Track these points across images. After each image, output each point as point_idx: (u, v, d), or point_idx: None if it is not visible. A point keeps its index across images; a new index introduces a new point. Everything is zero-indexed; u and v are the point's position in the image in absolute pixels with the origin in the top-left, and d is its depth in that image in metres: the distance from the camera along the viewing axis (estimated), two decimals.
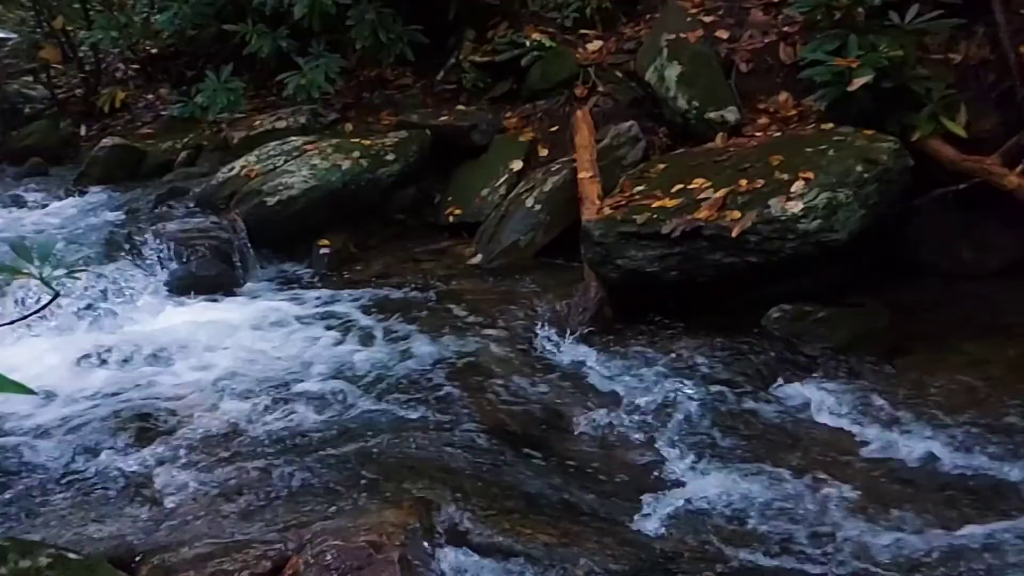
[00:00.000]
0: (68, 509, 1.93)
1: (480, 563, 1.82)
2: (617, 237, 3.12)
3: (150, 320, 3.22)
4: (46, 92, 6.12)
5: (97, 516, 1.90)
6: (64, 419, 2.35)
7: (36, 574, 1.40)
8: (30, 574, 1.39)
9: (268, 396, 2.54)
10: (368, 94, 5.33)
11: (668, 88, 4.02)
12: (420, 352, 2.96)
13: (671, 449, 2.44)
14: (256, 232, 3.92)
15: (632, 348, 3.00)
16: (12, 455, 2.17)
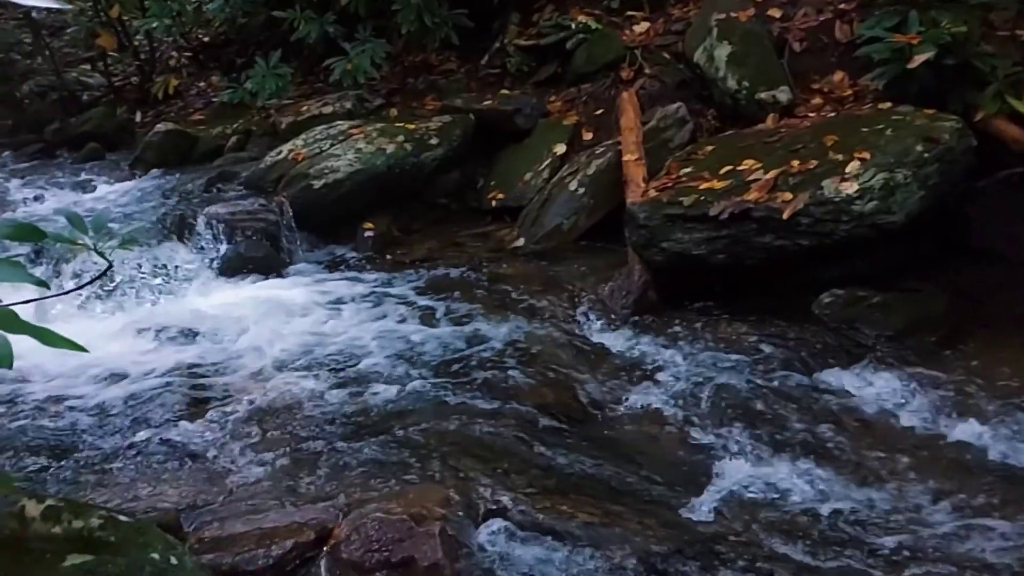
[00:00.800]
0: (121, 475, 2.00)
1: (519, 540, 1.81)
2: (663, 219, 3.06)
3: (200, 299, 3.30)
4: (103, 80, 6.30)
5: (148, 483, 1.96)
6: (118, 390, 2.42)
7: (88, 534, 1.44)
8: (83, 534, 1.44)
9: (314, 374, 2.57)
10: (413, 79, 5.35)
11: (717, 68, 3.93)
12: (463, 334, 2.96)
13: (716, 435, 2.39)
14: (302, 215, 3.97)
15: (676, 332, 2.95)
16: (69, 423, 2.25)
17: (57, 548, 1.41)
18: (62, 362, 2.64)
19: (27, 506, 1.45)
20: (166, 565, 1.42)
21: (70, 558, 1.40)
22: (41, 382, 2.51)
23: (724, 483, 2.18)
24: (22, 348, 2.56)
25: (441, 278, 3.56)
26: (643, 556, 1.78)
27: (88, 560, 1.39)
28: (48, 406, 2.35)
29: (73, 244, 1.43)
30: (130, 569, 1.39)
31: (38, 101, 5.97)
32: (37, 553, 1.41)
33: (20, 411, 2.31)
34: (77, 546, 1.41)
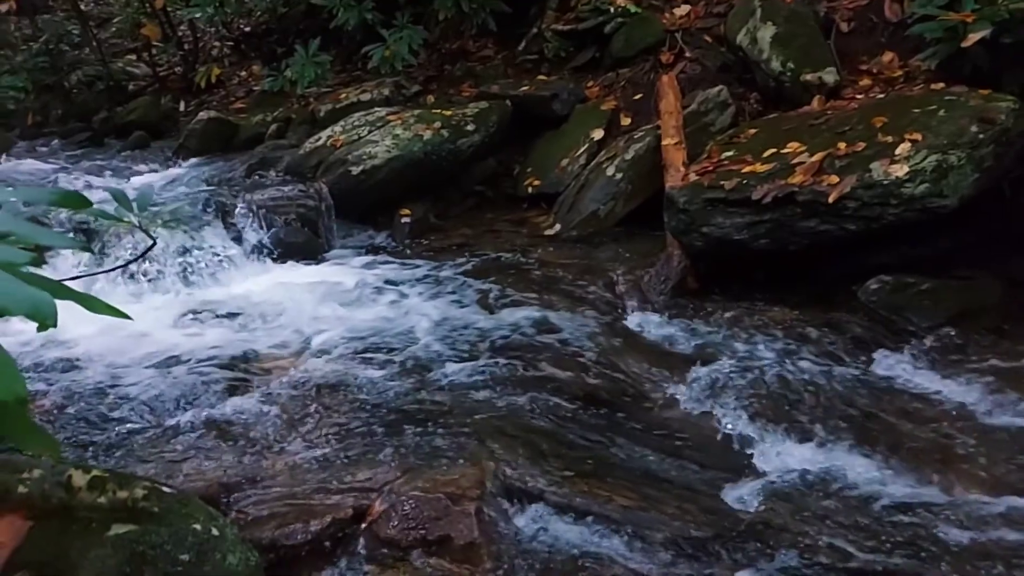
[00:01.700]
0: (163, 450, 2.04)
1: (555, 522, 1.80)
2: (703, 204, 3.00)
3: (240, 282, 3.35)
4: (148, 70, 6.44)
5: (190, 457, 1.99)
6: (161, 370, 2.47)
7: (132, 504, 1.47)
8: (127, 504, 1.47)
9: (352, 355, 2.59)
10: (450, 66, 5.34)
11: (761, 50, 3.83)
12: (498, 319, 2.95)
13: (757, 423, 2.34)
14: (341, 201, 4.00)
15: (716, 319, 2.89)
16: (114, 399, 2.30)
17: (102, 517, 1.44)
18: (108, 342, 2.71)
19: (74, 476, 1.48)
20: (208, 536, 1.44)
21: (115, 527, 1.43)
22: (89, 360, 2.58)
23: (765, 470, 2.13)
24: (72, 328, 2.60)
25: (477, 264, 3.55)
26: (682, 541, 1.75)
27: (132, 529, 1.42)
28: (95, 383, 2.41)
29: (119, 221, 1.45)
30: (173, 539, 1.42)
31: (86, 91, 6.12)
32: (83, 522, 1.44)
33: (69, 386, 2.37)
34: (121, 516, 1.45)
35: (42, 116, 6.11)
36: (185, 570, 1.40)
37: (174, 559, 1.40)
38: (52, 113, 6.13)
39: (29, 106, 5.94)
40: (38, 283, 0.80)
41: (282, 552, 1.65)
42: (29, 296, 0.73)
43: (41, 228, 0.88)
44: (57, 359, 2.63)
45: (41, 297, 0.74)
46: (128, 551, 1.39)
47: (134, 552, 1.39)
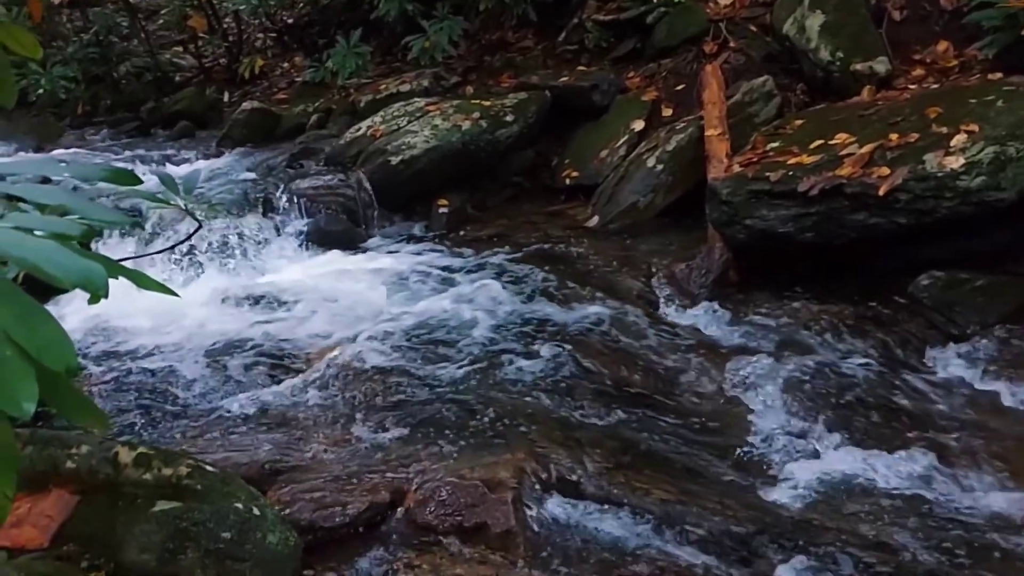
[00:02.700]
0: (206, 430, 2.07)
1: (593, 513, 1.78)
2: (747, 196, 2.94)
3: (281, 269, 3.40)
4: (194, 61, 6.56)
5: (231, 438, 2.02)
6: (204, 352, 2.52)
7: (176, 481, 1.49)
8: (171, 481, 1.49)
9: (390, 343, 2.60)
10: (489, 57, 5.33)
11: (809, 39, 3.74)
12: (537, 309, 2.93)
13: (801, 420, 2.29)
14: (380, 190, 4.02)
15: (759, 313, 2.83)
16: (159, 380, 2.35)
17: (147, 493, 1.47)
18: (154, 325, 2.77)
19: (120, 453, 1.51)
20: (249, 515, 1.46)
21: (159, 503, 1.46)
22: (134, 342, 2.64)
23: (807, 468, 2.08)
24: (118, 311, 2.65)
25: (514, 255, 3.54)
26: (723, 536, 1.71)
27: (176, 506, 1.45)
28: (139, 364, 2.46)
29: (165, 204, 1.47)
30: (215, 517, 1.44)
31: (134, 81, 6.26)
32: (129, 497, 1.47)
33: (114, 366, 2.43)
34: (166, 492, 1.47)
35: (91, 106, 6.27)
36: (226, 548, 1.42)
37: (216, 536, 1.42)
38: (101, 103, 6.28)
39: (79, 96, 6.10)
40: (90, 257, 0.81)
41: (320, 534, 1.66)
42: (82, 267, 0.74)
43: (95, 204, 0.89)
44: (103, 340, 2.70)
45: (93, 268, 0.75)
46: (172, 527, 1.41)
47: (178, 528, 1.41)
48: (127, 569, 1.39)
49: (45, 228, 0.80)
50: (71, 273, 0.73)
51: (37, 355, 0.75)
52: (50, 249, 0.74)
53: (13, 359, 0.75)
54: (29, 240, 0.75)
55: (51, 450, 1.49)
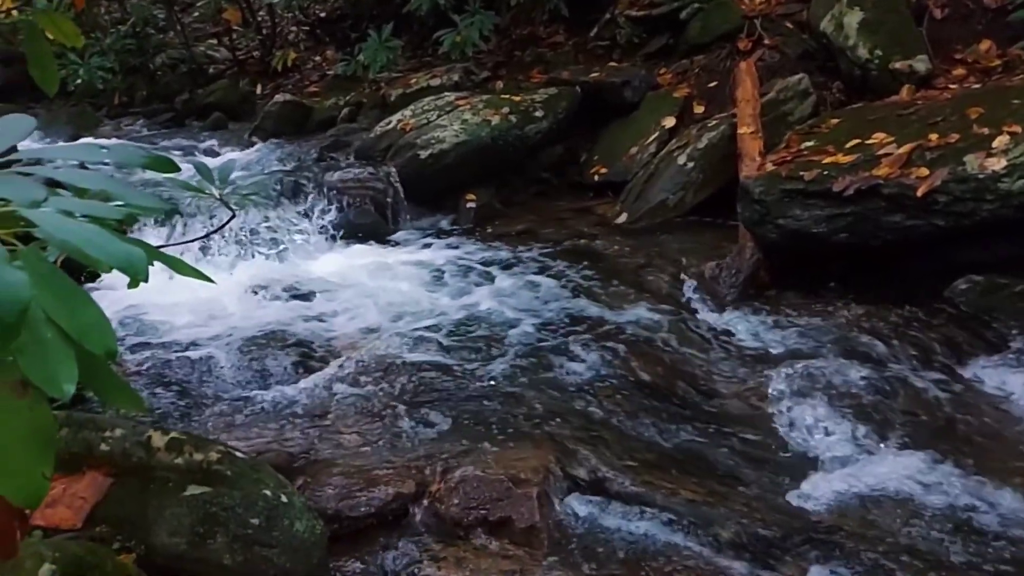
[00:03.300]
0: (235, 417, 2.10)
1: (618, 511, 1.77)
2: (780, 195, 2.89)
3: (311, 260, 3.43)
4: (228, 54, 6.64)
5: (260, 426, 2.05)
6: (235, 341, 2.55)
7: (207, 467, 1.51)
8: (202, 466, 1.51)
9: (416, 336, 2.60)
10: (519, 52, 5.32)
11: (847, 37, 3.67)
12: (564, 306, 2.92)
13: (831, 424, 2.25)
14: (408, 184, 4.04)
15: (790, 315, 2.79)
16: (189, 365, 2.39)
17: (179, 478, 1.49)
18: (186, 313, 2.81)
19: (153, 437, 1.54)
20: (277, 502, 1.47)
21: (190, 488, 1.48)
22: (167, 329, 2.68)
23: (838, 473, 2.04)
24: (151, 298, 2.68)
25: (542, 251, 3.53)
26: (750, 539, 1.69)
27: (206, 491, 1.46)
28: (172, 350, 2.50)
29: (200, 192, 1.48)
30: (244, 502, 1.45)
31: (169, 73, 6.36)
32: (161, 481, 1.49)
33: (148, 352, 2.47)
34: (196, 477, 1.49)
35: (128, 96, 6.38)
36: (254, 534, 1.43)
37: (245, 522, 1.43)
38: (137, 94, 6.38)
39: (116, 86, 6.21)
40: (130, 242, 0.81)
41: (346, 523, 1.67)
42: (123, 251, 0.75)
43: (135, 190, 0.90)
44: (135, 327, 2.74)
45: (135, 252, 0.75)
46: (202, 512, 1.43)
47: (207, 513, 1.43)
48: (157, 551, 1.41)
49: (87, 212, 0.81)
50: (113, 257, 0.74)
51: (78, 337, 0.76)
52: (92, 233, 0.75)
53: (54, 341, 0.76)
54: (72, 224, 0.76)
55: (86, 432, 1.51)
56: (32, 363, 0.73)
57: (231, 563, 1.41)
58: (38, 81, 1.54)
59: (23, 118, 0.95)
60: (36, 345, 0.73)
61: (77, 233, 0.74)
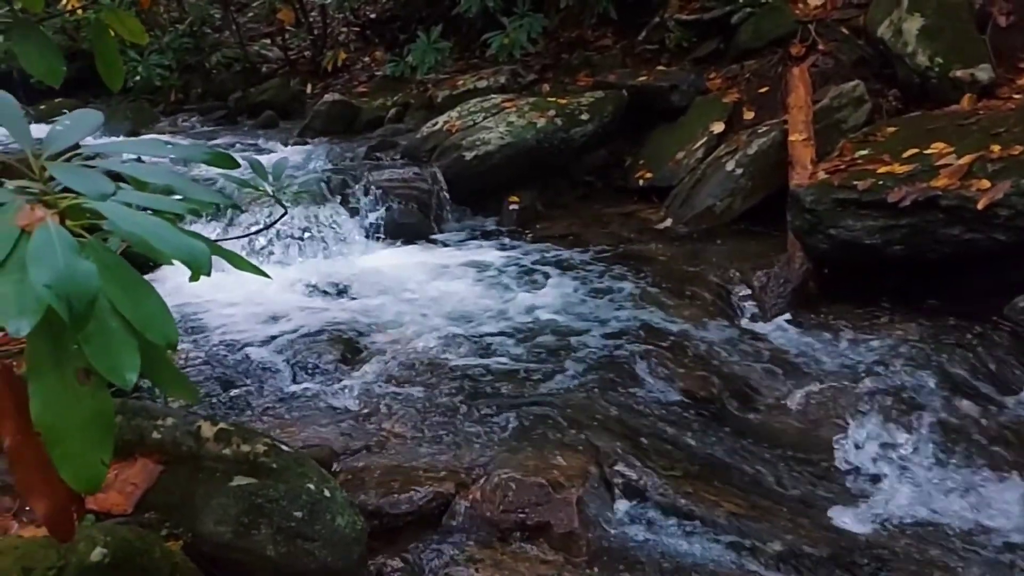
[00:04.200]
0: (280, 410, 2.13)
1: (659, 520, 1.74)
2: (832, 204, 2.82)
3: (355, 258, 3.47)
4: (280, 53, 6.78)
5: (304, 420, 2.08)
6: (281, 334, 2.59)
7: (253, 459, 1.53)
8: (249, 458, 1.54)
9: (460, 336, 2.61)
10: (567, 55, 5.31)
11: (906, 43, 3.57)
12: (606, 311, 2.90)
13: (881, 442, 2.18)
14: (453, 185, 4.06)
15: (839, 328, 2.72)
16: (237, 358, 2.43)
17: (226, 468, 1.52)
18: (235, 307, 2.87)
19: (203, 427, 1.57)
20: (320, 496, 1.49)
21: (236, 479, 1.50)
22: (216, 322, 2.74)
23: (887, 493, 1.98)
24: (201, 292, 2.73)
25: (585, 255, 3.51)
26: (794, 557, 1.65)
27: (252, 483, 1.49)
28: (221, 343, 2.55)
29: (255, 189, 1.51)
30: (288, 496, 1.47)
31: (224, 71, 6.52)
32: (209, 471, 1.52)
33: (198, 344, 2.53)
34: (243, 468, 1.51)
35: (183, 94, 6.56)
36: (297, 527, 1.45)
37: (288, 515, 1.45)
38: (192, 91, 6.56)
39: (173, 84, 6.39)
40: (191, 236, 0.83)
41: (386, 520, 1.68)
42: (187, 245, 0.77)
43: (196, 185, 0.92)
44: (185, 318, 2.81)
45: (198, 246, 0.77)
46: (247, 503, 1.45)
47: (252, 504, 1.45)
48: (204, 539, 1.44)
49: (152, 206, 0.83)
50: (177, 250, 0.76)
51: (141, 328, 0.78)
52: (158, 226, 0.76)
53: (118, 331, 0.78)
54: (139, 217, 0.78)
55: (138, 420, 1.55)
56: (97, 352, 0.75)
57: (274, 554, 1.43)
58: (104, 77, 1.59)
59: (92, 113, 0.98)
60: (102, 334, 0.75)
61: (144, 226, 0.76)
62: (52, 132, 0.90)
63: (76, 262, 0.71)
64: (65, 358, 0.80)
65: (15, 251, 0.74)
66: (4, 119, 0.90)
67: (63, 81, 1.35)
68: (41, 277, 0.69)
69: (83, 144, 0.91)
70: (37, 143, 0.85)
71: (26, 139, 0.87)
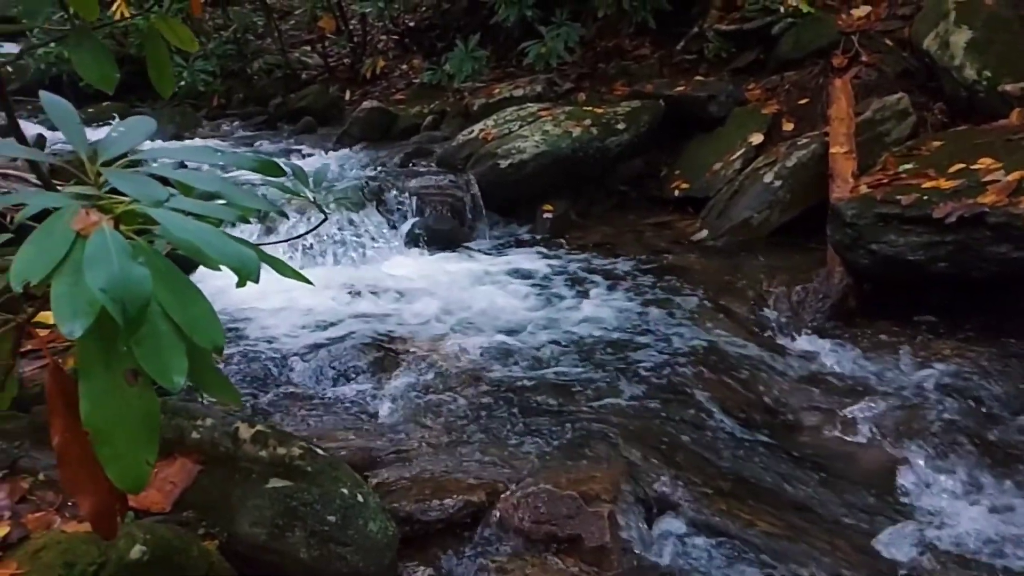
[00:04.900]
0: (314, 413, 2.15)
1: (692, 538, 1.72)
2: (874, 219, 2.77)
3: (389, 263, 3.50)
4: (320, 60, 6.88)
5: (337, 424, 2.09)
6: (316, 338, 2.62)
7: (289, 462, 1.55)
8: (284, 461, 1.55)
9: (493, 344, 2.62)
10: (604, 64, 5.30)
11: (953, 56, 3.49)
12: (638, 322, 2.88)
13: (921, 463, 2.12)
14: (487, 193, 4.07)
15: (879, 345, 2.66)
16: (271, 362, 2.47)
17: (262, 470, 1.54)
18: (271, 311, 2.91)
19: (240, 429, 1.59)
20: (353, 501, 1.50)
21: (272, 481, 1.52)
22: (253, 325, 2.78)
23: (927, 517, 1.92)
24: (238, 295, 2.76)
25: (618, 266, 3.49)
26: None
27: (288, 485, 1.50)
28: (256, 346, 2.59)
29: (296, 195, 1.53)
30: (322, 499, 1.48)
31: (265, 77, 6.64)
32: (245, 472, 1.54)
33: (233, 346, 2.57)
34: (279, 471, 1.53)
35: (225, 99, 6.69)
36: (330, 531, 1.46)
37: (322, 519, 1.46)
38: (234, 96, 6.69)
39: (215, 89, 6.53)
40: (240, 243, 0.85)
41: (417, 527, 1.68)
42: (237, 252, 0.78)
43: (245, 191, 0.93)
44: (225, 320, 2.86)
45: (248, 254, 0.78)
46: (283, 505, 1.47)
47: (287, 507, 1.47)
48: (239, 540, 1.46)
49: (204, 213, 0.85)
50: (227, 257, 0.77)
51: (189, 331, 0.80)
52: (210, 233, 0.78)
53: (168, 334, 0.80)
54: (191, 223, 0.79)
55: (179, 420, 1.58)
56: (147, 354, 0.77)
57: (307, 557, 1.44)
58: (155, 83, 1.63)
59: (146, 120, 1.01)
60: (152, 337, 0.77)
61: (196, 233, 0.77)
62: (108, 138, 0.92)
63: (130, 267, 0.72)
64: (115, 360, 0.82)
65: (70, 254, 0.76)
66: (63, 125, 0.92)
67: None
68: (97, 281, 0.71)
69: (138, 149, 0.94)
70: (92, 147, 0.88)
71: (83, 144, 0.89)
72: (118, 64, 1.32)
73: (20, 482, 1.58)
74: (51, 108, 0.95)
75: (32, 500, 1.53)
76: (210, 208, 0.88)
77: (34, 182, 2.82)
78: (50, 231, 0.77)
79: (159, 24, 1.64)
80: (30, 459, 1.59)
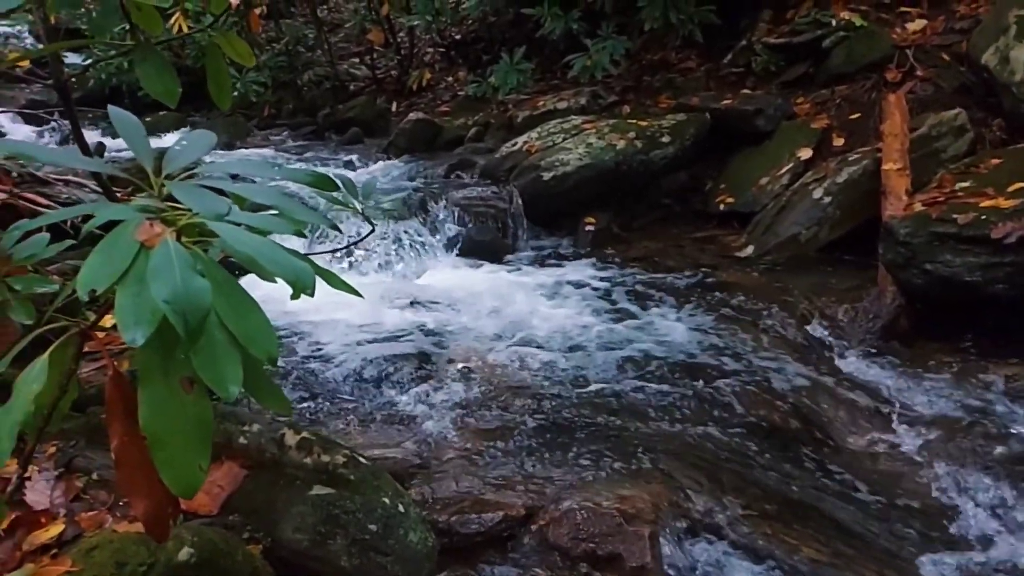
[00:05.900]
0: (356, 422, 2.18)
1: (734, 562, 1.68)
2: (928, 238, 2.69)
3: (433, 273, 3.53)
4: (367, 72, 7.01)
5: (379, 434, 2.11)
6: (361, 348, 2.65)
7: (332, 469, 1.57)
8: (328, 468, 1.57)
9: (533, 356, 2.61)
10: (649, 77, 5.28)
11: (1013, 71, 3.38)
12: (682, 338, 2.84)
13: (974, 490, 2.05)
14: (530, 205, 4.09)
15: (933, 368, 2.58)
16: (315, 370, 2.50)
17: (306, 477, 1.56)
18: (316, 320, 2.96)
19: (286, 435, 1.62)
20: (394, 511, 1.51)
21: (316, 488, 1.54)
22: (298, 334, 2.83)
23: (979, 545, 1.85)
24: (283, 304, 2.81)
25: (660, 280, 3.46)
26: None
27: (331, 493, 1.52)
28: (301, 354, 2.63)
29: (345, 207, 1.56)
30: (364, 508, 1.50)
31: (314, 89, 6.79)
32: (290, 478, 1.56)
33: (283, 353, 2.62)
34: (323, 478, 1.55)
35: (276, 109, 6.86)
36: (371, 540, 1.47)
37: (364, 527, 1.47)
38: (284, 107, 6.86)
39: (266, 100, 6.70)
40: (296, 256, 0.87)
41: (456, 539, 1.69)
42: (293, 265, 0.80)
43: (299, 204, 0.95)
44: (274, 327, 2.91)
45: (303, 267, 0.80)
46: (325, 512, 1.49)
47: (330, 514, 1.48)
48: (282, 545, 1.48)
49: (262, 226, 0.87)
50: (284, 270, 0.79)
51: (245, 342, 0.82)
52: (267, 247, 0.80)
53: (223, 344, 0.82)
54: (249, 236, 0.81)
55: (227, 424, 1.61)
56: (204, 363, 0.79)
57: (348, 565, 1.45)
58: (214, 96, 1.68)
59: (206, 134, 1.04)
60: (209, 347, 0.79)
61: (254, 247, 0.79)
62: (171, 152, 0.95)
63: (192, 279, 0.74)
64: (173, 368, 0.84)
65: (134, 265, 0.79)
66: (129, 138, 0.96)
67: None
68: (160, 292, 0.73)
69: (200, 161, 0.97)
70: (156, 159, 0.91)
71: (148, 158, 0.93)
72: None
73: (75, 480, 1.63)
74: (119, 122, 0.99)
75: (85, 499, 1.58)
76: (267, 221, 0.90)
77: (94, 188, 2.92)
78: (115, 242, 0.80)
79: (219, 39, 1.69)
80: (85, 459, 1.64)
